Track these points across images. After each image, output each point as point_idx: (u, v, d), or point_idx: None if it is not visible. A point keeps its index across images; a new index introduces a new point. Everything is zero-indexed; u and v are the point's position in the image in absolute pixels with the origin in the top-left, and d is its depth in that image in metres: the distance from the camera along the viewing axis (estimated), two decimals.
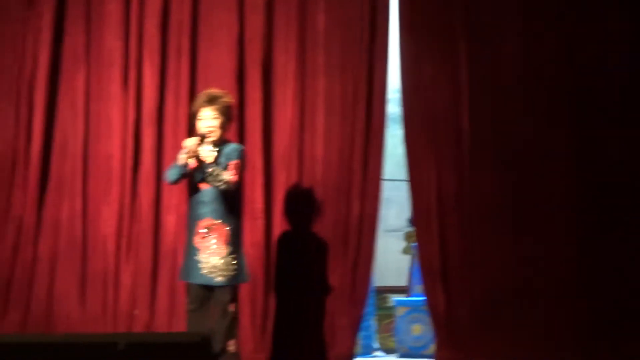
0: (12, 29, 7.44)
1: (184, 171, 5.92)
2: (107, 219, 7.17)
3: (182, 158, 5.88)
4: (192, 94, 7.02)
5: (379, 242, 7.06)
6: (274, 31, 7.12)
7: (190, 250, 5.92)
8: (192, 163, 5.87)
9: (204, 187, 5.89)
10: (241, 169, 5.93)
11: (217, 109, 5.91)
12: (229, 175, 5.79)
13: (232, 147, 5.97)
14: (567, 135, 6.66)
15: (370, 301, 7.47)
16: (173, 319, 6.93)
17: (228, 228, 5.85)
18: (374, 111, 6.96)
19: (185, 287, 6.27)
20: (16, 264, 7.18)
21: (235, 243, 5.90)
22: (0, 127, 7.37)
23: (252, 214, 6.91)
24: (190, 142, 5.86)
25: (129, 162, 7.19)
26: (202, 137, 5.88)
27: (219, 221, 5.87)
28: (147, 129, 7.22)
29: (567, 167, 6.63)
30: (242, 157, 5.95)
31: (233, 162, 5.86)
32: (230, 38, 7.13)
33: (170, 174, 6.02)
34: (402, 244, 8.47)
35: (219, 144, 5.95)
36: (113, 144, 7.24)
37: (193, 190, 5.99)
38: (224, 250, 5.83)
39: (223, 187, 5.78)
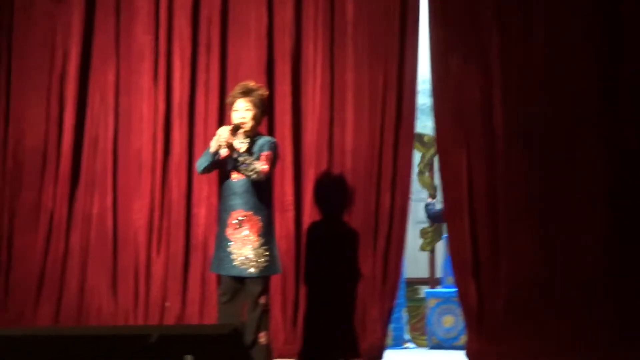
0: (43, 25, 7.56)
1: (213, 159, 5.90)
2: (138, 212, 7.23)
3: (213, 146, 5.86)
4: (222, 87, 7.10)
5: (408, 234, 7.02)
6: (302, 24, 7.09)
7: (222, 242, 5.90)
8: (224, 152, 5.84)
9: (235, 178, 5.87)
10: (273, 161, 5.93)
11: (251, 101, 5.93)
12: (261, 165, 5.78)
13: (264, 139, 5.97)
14: (600, 129, 6.55)
15: (401, 293, 7.46)
16: (204, 311, 6.96)
17: (260, 219, 5.84)
18: (404, 103, 6.88)
19: (216, 278, 6.30)
20: (48, 257, 7.27)
21: (267, 234, 5.88)
22: (32, 122, 7.48)
23: (283, 206, 6.90)
24: (222, 131, 5.84)
25: (160, 155, 7.23)
26: (235, 127, 5.89)
27: (251, 212, 5.85)
28: (177, 123, 7.25)
29: (599, 160, 6.52)
30: (274, 149, 5.94)
31: (265, 153, 5.86)
32: (259, 31, 7.14)
33: (201, 163, 6.00)
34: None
35: (252, 135, 5.95)
36: (143, 138, 7.29)
37: (224, 181, 5.98)
38: (256, 241, 5.82)
39: (254, 177, 5.76)
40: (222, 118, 6.87)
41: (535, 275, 6.47)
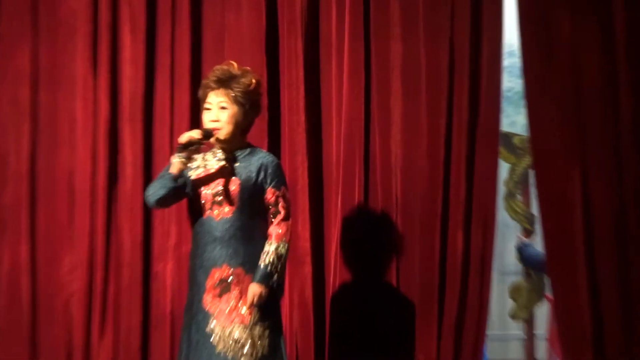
0: None
1: (174, 184, 4.78)
2: (70, 271, 5.94)
3: (174, 163, 4.79)
4: (196, 76, 5.90)
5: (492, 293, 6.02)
6: None
7: (196, 316, 4.80)
8: (189, 173, 4.84)
9: (216, 215, 4.80)
10: (288, 200, 4.92)
11: (230, 95, 4.85)
12: (276, 243, 4.71)
13: (263, 158, 4.88)
14: None
15: None
16: None
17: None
18: (482, 91, 5.78)
19: None
20: None
21: (266, 304, 4.77)
22: None
23: (295, 257, 5.76)
24: (185, 138, 4.81)
25: (102, 182, 5.94)
26: (207, 135, 4.87)
27: (241, 269, 4.70)
28: (127, 130, 6.00)
29: None
30: (284, 180, 4.96)
31: (276, 193, 4.81)
32: None
33: (153, 190, 4.85)
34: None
35: (237, 148, 4.89)
36: (77, 155, 6.05)
37: (199, 221, 4.87)
38: (249, 315, 4.73)
39: (283, 253, 4.80)
40: (197, 121, 5.56)
41: None
